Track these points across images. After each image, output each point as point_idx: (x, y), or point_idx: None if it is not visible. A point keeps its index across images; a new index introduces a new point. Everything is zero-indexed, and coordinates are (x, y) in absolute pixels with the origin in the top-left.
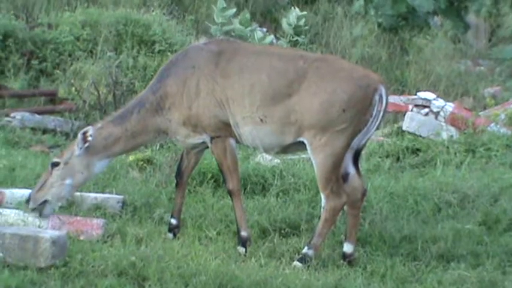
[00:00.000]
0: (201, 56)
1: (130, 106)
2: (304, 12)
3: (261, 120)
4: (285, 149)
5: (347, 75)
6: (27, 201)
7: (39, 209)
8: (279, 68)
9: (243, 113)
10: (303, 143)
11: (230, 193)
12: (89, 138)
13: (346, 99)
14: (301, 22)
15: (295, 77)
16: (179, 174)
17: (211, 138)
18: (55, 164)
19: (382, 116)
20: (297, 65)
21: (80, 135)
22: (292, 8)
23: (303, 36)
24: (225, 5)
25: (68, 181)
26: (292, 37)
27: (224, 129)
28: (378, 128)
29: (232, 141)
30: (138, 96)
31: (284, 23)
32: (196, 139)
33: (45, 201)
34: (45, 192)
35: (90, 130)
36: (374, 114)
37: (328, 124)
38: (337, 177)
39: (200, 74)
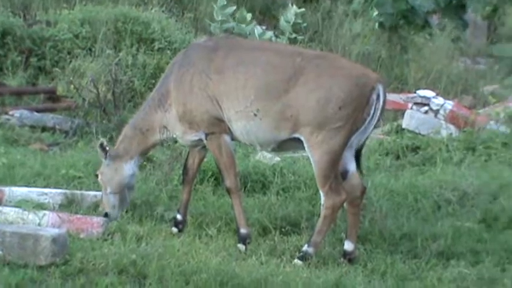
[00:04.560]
0: (197, 52)
1: (142, 106)
2: (303, 10)
3: (255, 115)
4: (281, 146)
5: (345, 73)
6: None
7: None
8: (276, 63)
9: (237, 107)
10: (300, 140)
11: (228, 190)
12: (107, 148)
13: (343, 97)
14: (300, 19)
15: (292, 73)
16: (185, 170)
17: (206, 135)
18: (97, 176)
19: (380, 115)
20: (294, 61)
21: (98, 149)
22: (290, 5)
23: (301, 34)
24: (225, 3)
25: (108, 190)
26: (291, 34)
27: (218, 126)
28: (376, 127)
29: (227, 137)
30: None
31: (282, 21)
32: (193, 136)
33: (106, 214)
34: (103, 205)
35: (103, 141)
36: (372, 113)
37: (325, 121)
38: (335, 175)
39: (194, 70)
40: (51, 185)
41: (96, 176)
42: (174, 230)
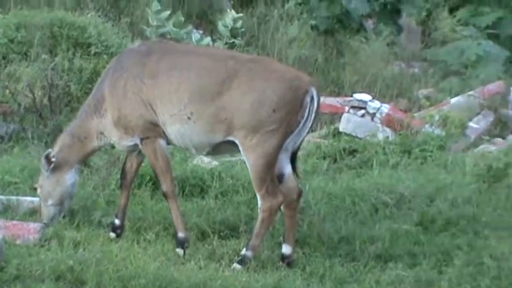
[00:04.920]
0: (130, 57)
1: (78, 113)
2: (241, 14)
3: (189, 118)
4: (217, 149)
5: (278, 76)
6: None
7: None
8: (209, 66)
9: (171, 111)
10: (235, 143)
11: (165, 195)
12: (53, 160)
13: (276, 99)
14: (238, 24)
15: (226, 76)
16: (123, 175)
17: (141, 140)
18: (35, 190)
19: (315, 118)
20: (228, 65)
21: (43, 160)
22: (228, 10)
23: (239, 38)
24: (159, 7)
25: (49, 202)
26: (229, 39)
27: (153, 130)
28: (312, 130)
29: (162, 142)
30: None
31: (220, 25)
32: (129, 141)
33: (45, 224)
34: (41, 215)
35: (51, 152)
36: (306, 115)
37: (259, 124)
38: (271, 178)
39: (128, 75)
40: None
41: (35, 189)
42: (112, 235)
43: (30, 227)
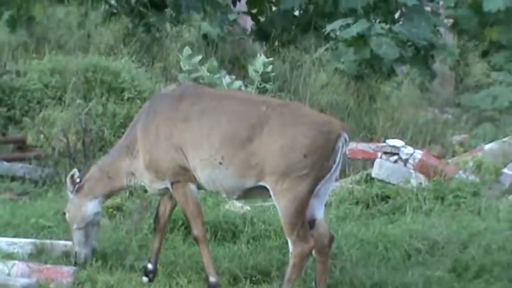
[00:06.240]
0: (163, 101)
1: (110, 151)
2: (271, 59)
3: (220, 163)
4: (248, 193)
5: (309, 121)
6: None
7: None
8: (240, 111)
9: (202, 155)
10: (266, 188)
11: (196, 239)
12: (77, 180)
13: (308, 144)
14: (268, 69)
15: (257, 121)
16: (156, 218)
17: (172, 184)
18: (64, 214)
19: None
20: (259, 110)
21: (68, 180)
22: (259, 55)
23: (271, 83)
24: (191, 52)
25: (74, 226)
26: (260, 84)
27: (183, 174)
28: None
29: (193, 186)
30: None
31: (250, 70)
32: (160, 184)
33: (76, 253)
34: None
35: (76, 173)
36: (337, 160)
37: (289, 169)
38: (302, 223)
39: (160, 118)
40: (20, 234)
41: (64, 213)
42: (145, 279)
43: (63, 270)
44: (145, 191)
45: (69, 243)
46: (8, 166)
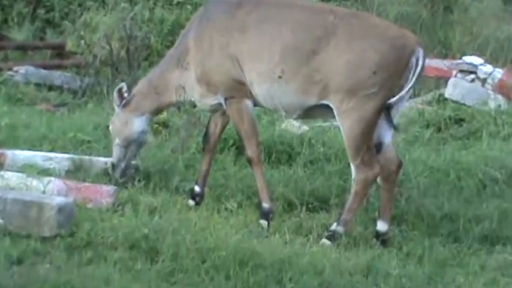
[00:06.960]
0: (219, 8)
1: (159, 63)
2: None
3: (279, 77)
4: (309, 113)
5: (380, 33)
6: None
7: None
8: (305, 21)
9: (260, 68)
10: (329, 107)
11: (249, 161)
12: (125, 95)
13: (378, 60)
14: None
15: (323, 33)
16: (206, 137)
17: (225, 99)
18: (107, 127)
19: (416, 82)
20: (325, 20)
21: (115, 93)
22: None
23: None
24: None
25: (116, 141)
26: None
27: (238, 89)
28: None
29: (248, 102)
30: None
31: None
32: (212, 100)
33: (113, 165)
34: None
35: (124, 86)
36: (410, 78)
37: (356, 87)
38: (368, 146)
39: (214, 27)
40: (57, 149)
41: (107, 126)
42: (191, 202)
43: (103, 189)
44: (194, 106)
45: (110, 159)
46: (45, 74)
